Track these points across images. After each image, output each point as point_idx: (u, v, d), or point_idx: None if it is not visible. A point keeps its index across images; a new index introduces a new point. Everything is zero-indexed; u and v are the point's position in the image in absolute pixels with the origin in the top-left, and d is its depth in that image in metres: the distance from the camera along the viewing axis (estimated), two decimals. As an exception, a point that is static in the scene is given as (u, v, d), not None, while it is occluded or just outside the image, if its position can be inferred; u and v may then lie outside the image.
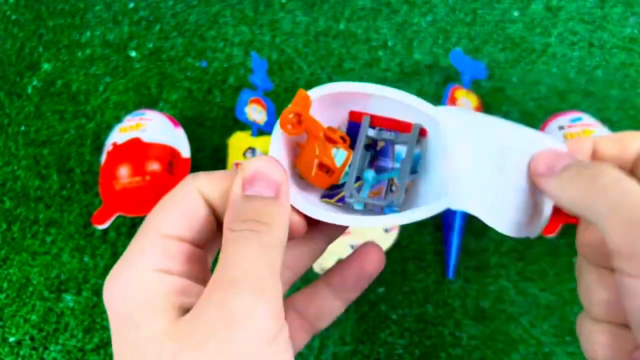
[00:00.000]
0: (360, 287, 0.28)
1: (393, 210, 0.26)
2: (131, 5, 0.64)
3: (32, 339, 0.47)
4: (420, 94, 0.56)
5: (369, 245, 0.28)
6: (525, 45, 0.58)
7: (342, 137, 0.27)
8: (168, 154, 0.48)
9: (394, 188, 0.27)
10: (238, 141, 0.50)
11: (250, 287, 0.19)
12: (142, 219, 0.51)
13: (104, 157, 0.49)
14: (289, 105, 0.25)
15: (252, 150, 0.49)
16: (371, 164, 0.28)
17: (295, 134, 0.26)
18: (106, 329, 0.46)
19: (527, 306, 0.45)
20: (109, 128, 0.56)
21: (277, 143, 0.26)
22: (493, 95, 0.56)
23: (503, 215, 0.26)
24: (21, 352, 0.46)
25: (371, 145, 0.28)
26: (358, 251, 0.28)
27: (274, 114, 0.54)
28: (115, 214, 0.47)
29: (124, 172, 0.46)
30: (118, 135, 0.49)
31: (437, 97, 0.56)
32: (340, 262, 0.28)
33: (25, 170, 0.55)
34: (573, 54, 0.57)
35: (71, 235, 0.51)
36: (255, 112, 0.51)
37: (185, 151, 0.50)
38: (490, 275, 0.47)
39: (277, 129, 0.26)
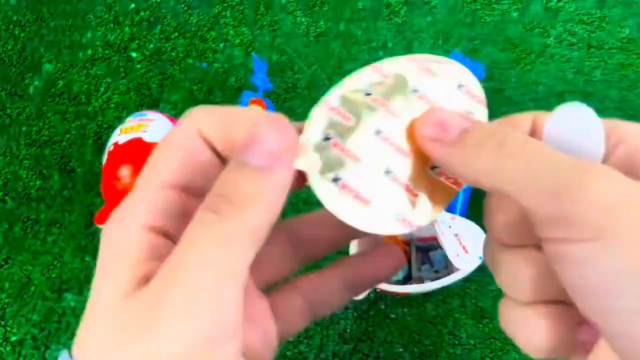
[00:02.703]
0: (374, 285, 0.28)
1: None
2: (132, 6, 0.65)
3: (33, 338, 0.47)
4: (419, 94, 0.57)
5: (391, 247, 0.27)
6: (524, 46, 0.59)
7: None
8: (169, 154, 0.48)
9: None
10: (238, 141, 0.50)
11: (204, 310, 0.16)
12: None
13: (105, 158, 0.49)
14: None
15: (253, 150, 0.50)
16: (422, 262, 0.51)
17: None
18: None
19: (526, 305, 0.45)
20: (110, 128, 0.56)
21: None
22: (492, 96, 0.56)
23: None
24: (22, 352, 0.46)
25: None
26: (379, 252, 0.27)
27: (274, 114, 0.54)
28: (117, 214, 0.47)
29: (125, 172, 0.47)
30: (119, 136, 0.49)
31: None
32: (358, 258, 0.27)
33: (26, 170, 0.55)
34: (572, 54, 0.58)
35: (73, 235, 0.51)
36: (256, 113, 0.52)
37: (186, 151, 0.50)
38: (489, 274, 0.47)
39: None
